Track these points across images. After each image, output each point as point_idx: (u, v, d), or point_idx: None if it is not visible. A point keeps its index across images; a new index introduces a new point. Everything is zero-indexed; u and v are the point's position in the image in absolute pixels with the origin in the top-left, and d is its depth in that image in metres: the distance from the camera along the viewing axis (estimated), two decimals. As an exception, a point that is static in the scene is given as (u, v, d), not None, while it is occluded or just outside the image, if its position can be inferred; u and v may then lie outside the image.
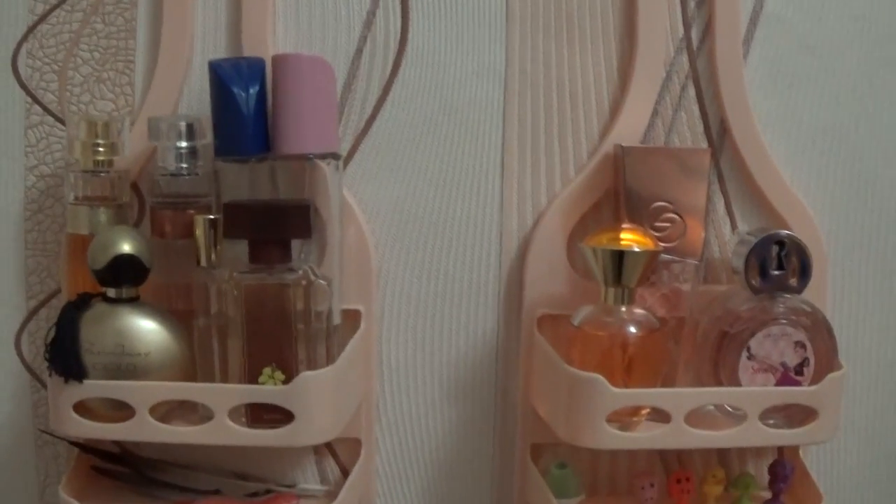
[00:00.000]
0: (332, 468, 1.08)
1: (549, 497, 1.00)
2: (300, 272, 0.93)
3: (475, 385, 1.08)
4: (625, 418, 0.95)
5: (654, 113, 1.04)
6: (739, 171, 1.04)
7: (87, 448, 1.03)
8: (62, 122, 1.03)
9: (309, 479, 1.08)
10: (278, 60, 0.95)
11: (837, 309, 1.08)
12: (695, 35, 1.03)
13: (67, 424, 0.93)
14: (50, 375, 0.92)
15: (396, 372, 1.07)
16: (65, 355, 0.92)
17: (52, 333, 0.93)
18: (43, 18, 1.02)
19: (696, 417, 0.95)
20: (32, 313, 1.06)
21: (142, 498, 1.03)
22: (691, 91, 1.04)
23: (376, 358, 1.07)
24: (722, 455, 1.08)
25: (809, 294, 0.99)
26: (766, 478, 1.05)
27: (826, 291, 1.06)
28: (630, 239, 0.96)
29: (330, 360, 0.95)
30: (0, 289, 1.05)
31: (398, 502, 1.10)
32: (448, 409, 1.08)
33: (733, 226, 1.05)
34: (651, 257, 0.95)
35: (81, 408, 0.93)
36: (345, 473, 1.07)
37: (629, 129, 1.03)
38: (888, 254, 1.09)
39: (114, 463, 1.04)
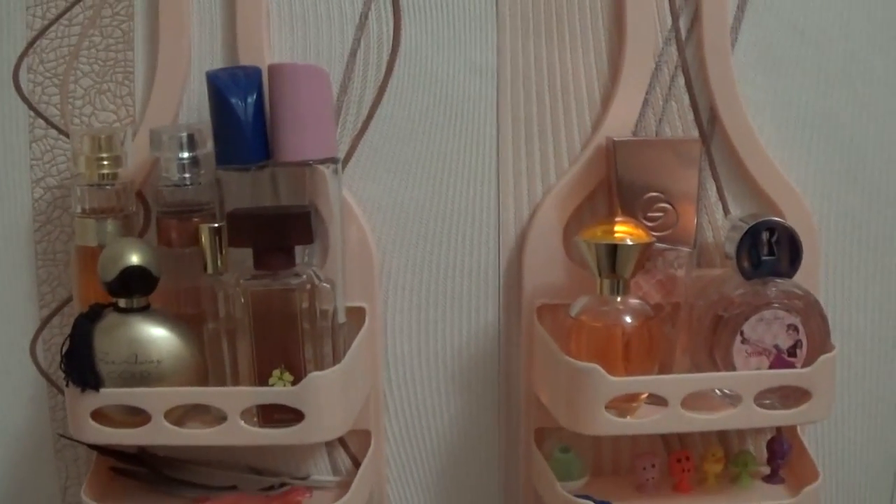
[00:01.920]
0: (343, 459, 1.14)
1: (553, 480, 1.05)
2: (304, 276, 0.99)
3: (479, 374, 1.13)
4: (623, 404, 1.01)
5: (645, 103, 1.08)
6: (730, 157, 1.09)
7: (106, 450, 1.08)
8: (66, 134, 1.08)
9: (321, 471, 1.14)
10: (274, 70, 0.99)
11: (830, 289, 1.13)
12: (683, 24, 1.08)
13: (86, 431, 0.99)
14: (67, 385, 0.98)
15: (402, 364, 1.13)
16: (80, 366, 0.98)
17: (67, 345, 0.98)
18: (42, 33, 1.07)
19: (694, 398, 1.00)
20: (45, 322, 1.11)
21: (161, 496, 1.09)
22: (681, 80, 1.08)
23: (382, 352, 1.12)
24: (721, 433, 1.14)
25: (802, 276, 1.04)
26: (764, 454, 1.11)
27: (819, 273, 1.11)
28: (623, 231, 1.01)
29: (336, 358, 1.01)
30: (13, 299, 1.11)
31: (408, 488, 1.16)
32: (454, 398, 1.14)
33: (725, 211, 1.10)
34: (644, 249, 1.00)
35: (99, 415, 0.99)
36: (356, 464, 1.13)
37: (621, 121, 1.08)
38: (879, 235, 1.14)
39: (132, 463, 1.09)
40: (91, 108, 1.07)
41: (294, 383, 0.97)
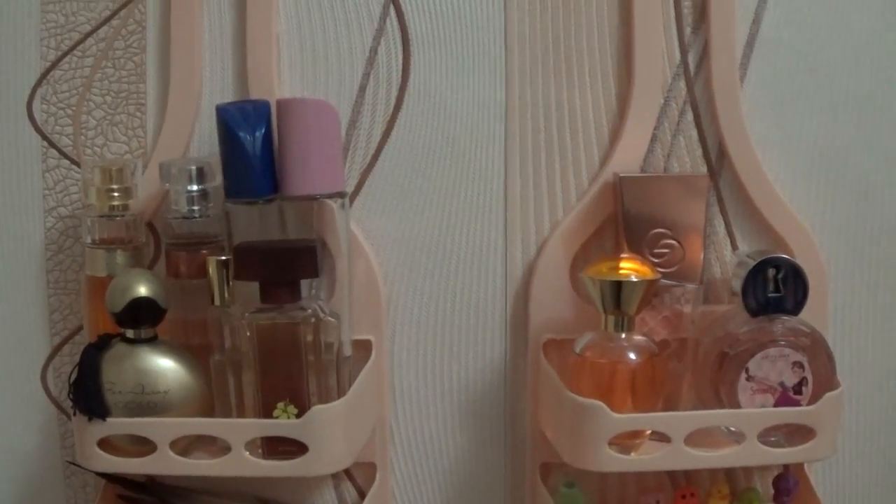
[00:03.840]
0: (349, 491, 1.16)
1: (558, 515, 1.08)
2: (309, 310, 1.01)
3: (485, 408, 1.15)
4: (627, 441, 1.02)
5: (653, 139, 1.10)
6: (738, 193, 1.11)
7: (114, 478, 1.11)
8: (78, 164, 1.11)
9: (327, 503, 1.16)
10: (283, 105, 1.02)
11: (839, 326, 1.15)
12: (691, 60, 1.10)
13: (93, 460, 1.02)
14: (74, 414, 1.01)
15: (409, 397, 1.15)
16: (88, 395, 1.00)
17: (75, 374, 1.01)
18: (55, 64, 1.10)
19: (700, 434, 1.02)
20: (56, 349, 1.14)
21: (167, 525, 1.12)
22: (689, 116, 1.10)
23: (388, 385, 1.14)
24: (728, 470, 1.15)
25: (810, 311, 1.05)
26: (771, 491, 1.12)
27: (827, 308, 1.13)
28: (629, 268, 1.03)
29: (341, 391, 1.03)
30: (25, 327, 1.14)
31: (415, 522, 1.19)
32: (459, 431, 1.16)
33: (733, 247, 1.12)
34: (649, 286, 1.02)
35: (106, 444, 1.02)
36: (362, 496, 1.15)
37: (629, 156, 1.10)
38: (888, 272, 1.15)
39: (140, 492, 1.12)
40: (103, 138, 1.11)
41: (298, 416, 1.00)
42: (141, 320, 1.02)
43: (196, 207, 1.05)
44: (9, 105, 1.11)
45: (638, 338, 1.04)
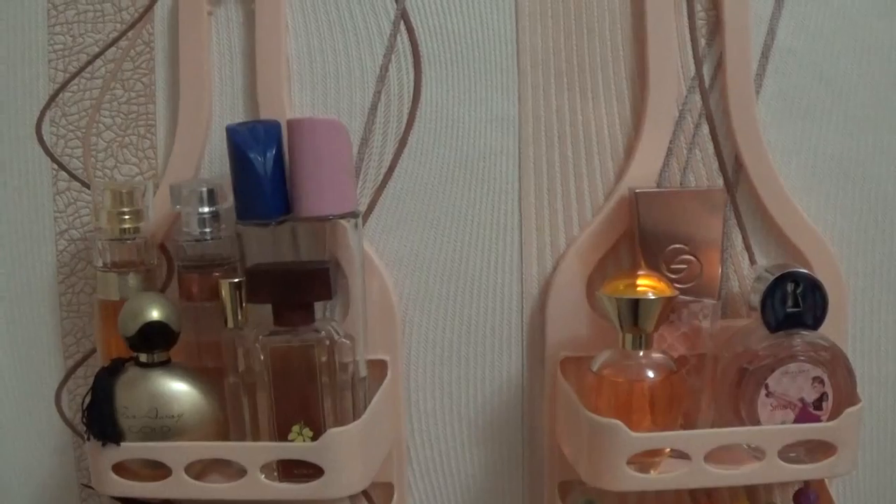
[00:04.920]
0: (366, 511, 1.17)
1: (577, 534, 1.08)
2: (323, 332, 1.01)
3: (502, 427, 1.15)
4: (646, 459, 1.02)
5: (669, 152, 1.10)
6: (756, 205, 1.10)
7: (130, 501, 1.11)
8: (88, 187, 1.11)
9: (345, 523, 1.17)
10: (293, 125, 1.02)
11: (858, 340, 1.14)
12: (706, 72, 1.09)
13: (108, 484, 1.02)
14: (88, 439, 1.01)
15: (425, 417, 1.15)
16: (101, 420, 1.01)
17: (88, 399, 1.01)
18: (64, 86, 1.10)
19: (720, 450, 1.01)
20: (70, 372, 1.15)
21: (183, 548, 1.12)
22: (705, 129, 1.10)
23: (405, 405, 1.14)
24: (749, 485, 1.14)
25: (830, 324, 1.05)
26: (792, 507, 1.13)
27: (846, 321, 1.12)
28: (646, 285, 1.02)
29: (357, 412, 1.03)
30: (39, 350, 1.14)
31: (432, 542, 1.19)
32: (477, 450, 1.16)
33: (752, 261, 1.12)
34: (666, 303, 1.02)
35: (120, 468, 1.02)
36: (379, 516, 1.16)
37: (644, 170, 1.09)
38: (908, 285, 1.16)
39: (155, 514, 1.13)
40: (114, 160, 1.11)
41: (314, 438, 1.00)
42: (154, 344, 1.02)
43: (208, 229, 1.05)
44: (18, 127, 1.11)
45: (656, 355, 1.03)
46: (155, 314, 1.01)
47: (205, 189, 1.05)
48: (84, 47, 1.10)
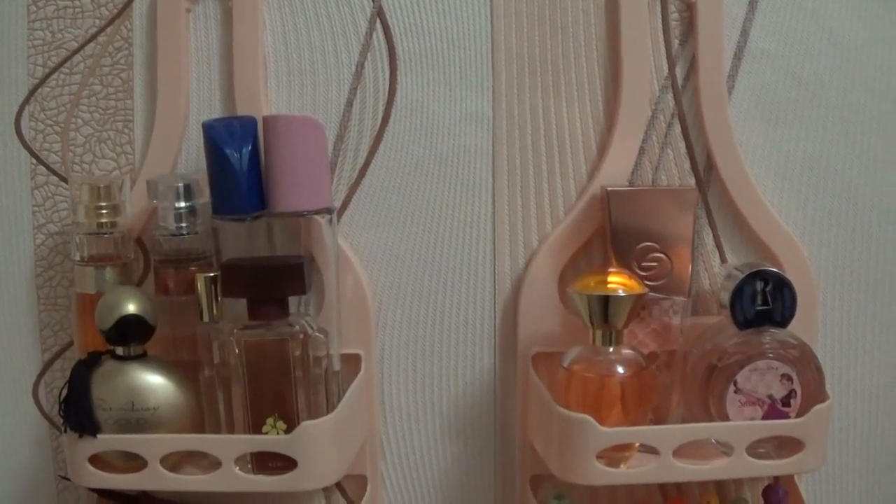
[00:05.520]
0: None
1: (548, 528, 1.09)
2: (297, 326, 1.02)
3: (474, 421, 1.17)
4: (615, 454, 1.04)
5: (641, 151, 1.11)
6: (727, 204, 1.12)
7: (106, 492, 1.12)
8: (66, 181, 1.12)
9: (319, 515, 1.19)
10: (269, 122, 1.03)
11: (828, 339, 1.16)
12: (679, 72, 1.11)
13: (84, 476, 1.03)
14: (65, 431, 1.02)
15: (398, 411, 1.16)
16: (78, 412, 1.02)
17: (65, 391, 1.03)
18: (43, 81, 1.11)
19: (689, 445, 1.03)
20: (48, 365, 1.16)
21: (159, 539, 1.13)
22: (677, 128, 1.12)
23: (378, 399, 1.16)
24: (718, 481, 1.16)
25: (800, 325, 1.06)
26: (761, 502, 1.13)
27: (817, 322, 1.14)
28: (616, 282, 1.04)
29: (330, 405, 1.04)
30: (16, 343, 1.15)
31: (405, 535, 1.21)
32: (449, 444, 1.17)
33: (722, 259, 1.13)
34: (637, 300, 1.03)
35: (97, 460, 1.03)
36: (353, 508, 1.17)
37: (617, 169, 1.11)
38: (877, 284, 1.16)
39: (131, 506, 1.14)
40: (91, 155, 1.12)
41: (288, 431, 1.01)
42: (130, 337, 1.03)
43: (184, 224, 1.06)
44: (-3, 122, 1.13)
45: (626, 351, 1.05)
46: (131, 308, 1.02)
47: (181, 184, 1.06)
48: (63, 43, 1.11)
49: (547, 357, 1.11)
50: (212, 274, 1.03)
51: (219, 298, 1.03)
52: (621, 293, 1.03)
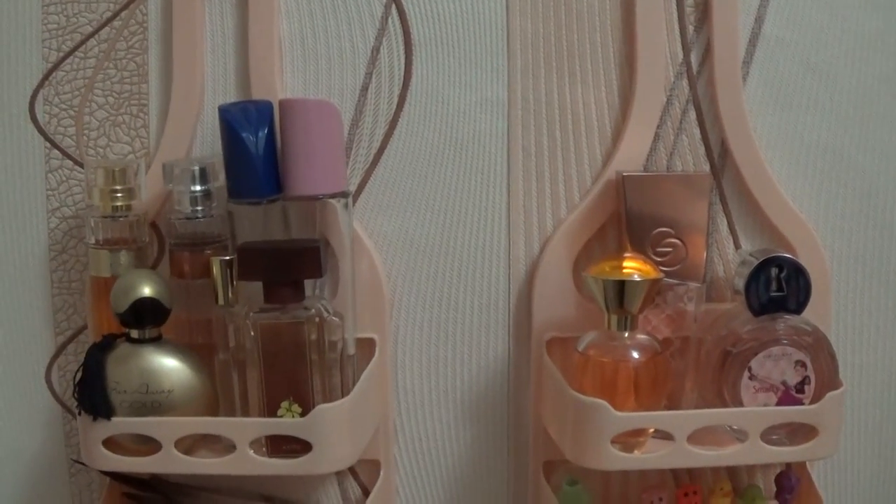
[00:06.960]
0: (353, 488, 1.18)
1: (561, 513, 1.10)
2: (313, 310, 1.03)
3: (488, 406, 1.17)
4: (629, 439, 1.04)
5: (656, 137, 1.12)
6: (741, 191, 1.13)
7: (119, 476, 1.13)
8: (81, 165, 1.13)
9: (332, 500, 1.18)
10: (285, 105, 1.03)
11: (841, 325, 1.17)
12: (694, 59, 1.11)
13: (98, 459, 1.04)
14: (79, 414, 1.03)
15: (412, 396, 1.17)
16: (92, 395, 1.02)
17: (80, 374, 1.03)
18: (57, 66, 1.12)
19: (703, 432, 1.04)
20: (61, 349, 1.16)
21: (172, 524, 1.14)
22: (692, 114, 1.12)
23: (392, 383, 1.16)
24: (730, 467, 1.17)
25: (813, 311, 1.07)
26: (773, 489, 1.14)
27: (830, 307, 1.15)
28: (632, 267, 1.04)
29: (345, 389, 1.05)
30: (29, 326, 1.16)
31: (418, 519, 1.21)
32: (463, 429, 1.18)
33: (736, 245, 1.14)
34: (652, 285, 1.04)
35: (111, 443, 1.04)
36: (365, 493, 1.17)
37: (632, 154, 1.11)
38: (892, 270, 1.17)
39: (145, 490, 1.14)
40: (106, 139, 1.12)
41: (302, 414, 1.02)
42: (145, 320, 1.04)
43: (199, 208, 1.07)
44: (11, 106, 1.13)
45: (641, 336, 1.05)
46: (147, 290, 1.03)
47: (197, 168, 1.06)
48: (78, 27, 1.11)
49: (561, 342, 1.12)
50: (227, 257, 1.03)
51: (234, 282, 1.04)
52: (637, 278, 1.03)
